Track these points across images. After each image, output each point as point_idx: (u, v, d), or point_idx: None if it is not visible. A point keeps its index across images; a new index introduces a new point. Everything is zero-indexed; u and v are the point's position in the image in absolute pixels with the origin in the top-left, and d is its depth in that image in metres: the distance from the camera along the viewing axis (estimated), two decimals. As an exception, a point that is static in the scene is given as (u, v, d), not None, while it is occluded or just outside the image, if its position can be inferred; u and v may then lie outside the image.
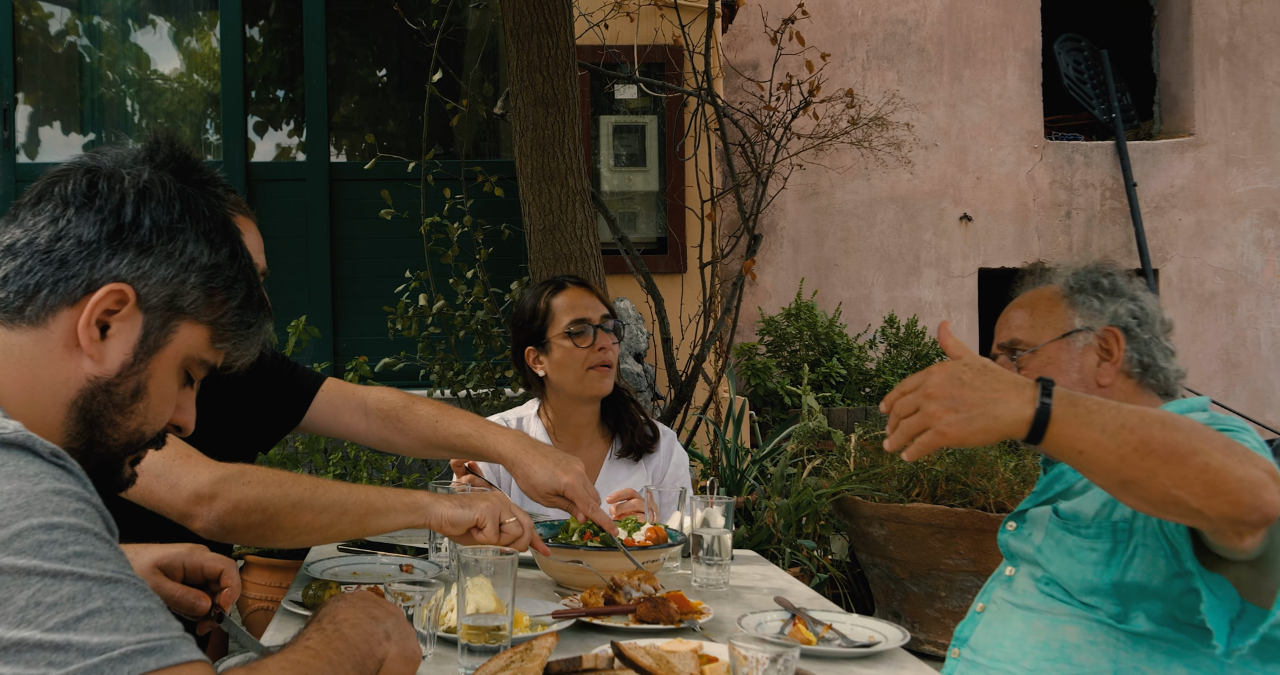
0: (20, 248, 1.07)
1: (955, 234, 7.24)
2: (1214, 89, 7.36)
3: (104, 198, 1.08)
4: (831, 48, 6.61)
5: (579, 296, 2.57)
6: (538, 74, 3.83)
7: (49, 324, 1.06)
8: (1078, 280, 1.87)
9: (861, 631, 1.78)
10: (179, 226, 1.10)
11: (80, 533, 0.88)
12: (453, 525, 1.81)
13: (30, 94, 6.12)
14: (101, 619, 0.85)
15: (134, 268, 1.07)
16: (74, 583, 0.85)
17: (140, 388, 1.10)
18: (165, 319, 1.10)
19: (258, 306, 1.18)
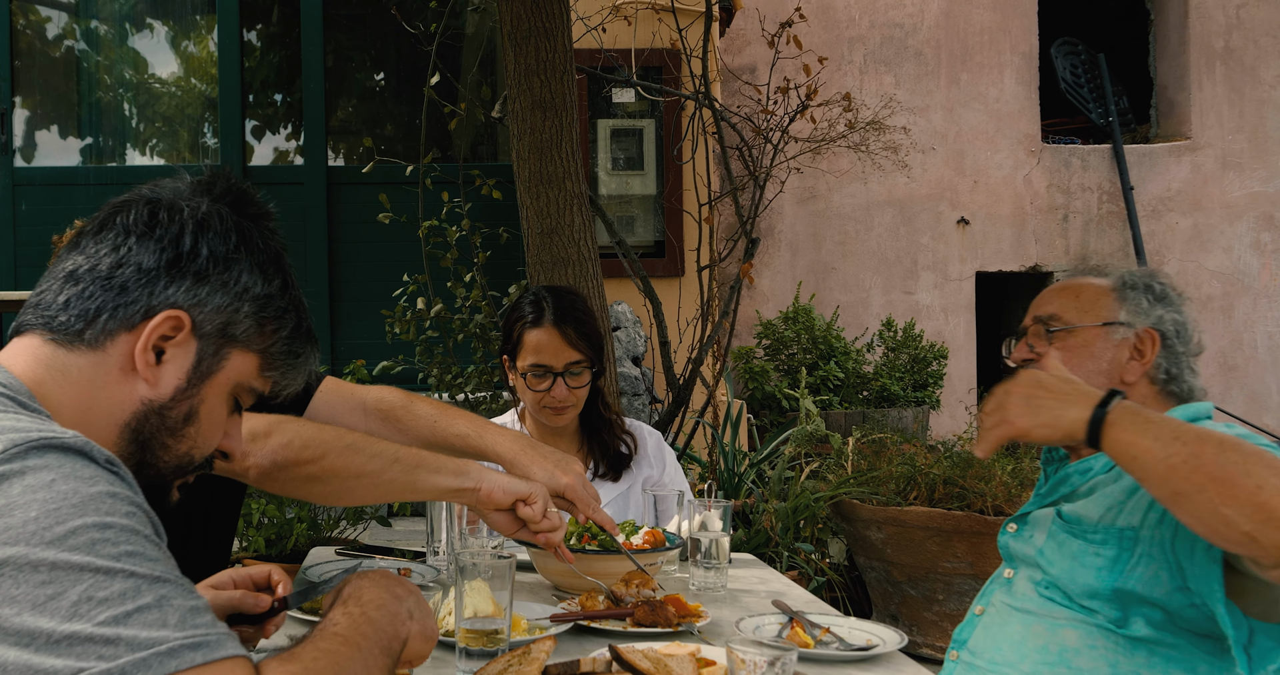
0: (82, 273, 1.12)
1: (952, 237, 7.25)
2: (1210, 93, 7.38)
3: (164, 227, 1.13)
4: (829, 51, 6.62)
5: (548, 340, 2.49)
6: (535, 78, 3.84)
7: (107, 347, 1.10)
8: (1130, 281, 1.88)
9: (859, 635, 1.78)
10: (234, 257, 1.15)
11: (132, 533, 0.92)
12: (504, 493, 1.73)
13: (28, 98, 6.12)
14: (150, 615, 0.88)
15: (191, 295, 1.12)
16: (125, 580, 0.88)
17: (192, 412, 1.14)
18: (218, 346, 1.14)
19: (306, 337, 1.23)
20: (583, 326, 2.53)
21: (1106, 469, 1.80)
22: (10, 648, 0.84)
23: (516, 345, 2.55)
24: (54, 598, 0.86)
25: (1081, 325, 1.84)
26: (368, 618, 1.12)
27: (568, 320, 2.51)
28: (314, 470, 1.72)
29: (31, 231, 5.70)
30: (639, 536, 2.13)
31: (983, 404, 1.65)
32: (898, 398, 6.24)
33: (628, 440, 2.65)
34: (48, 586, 0.86)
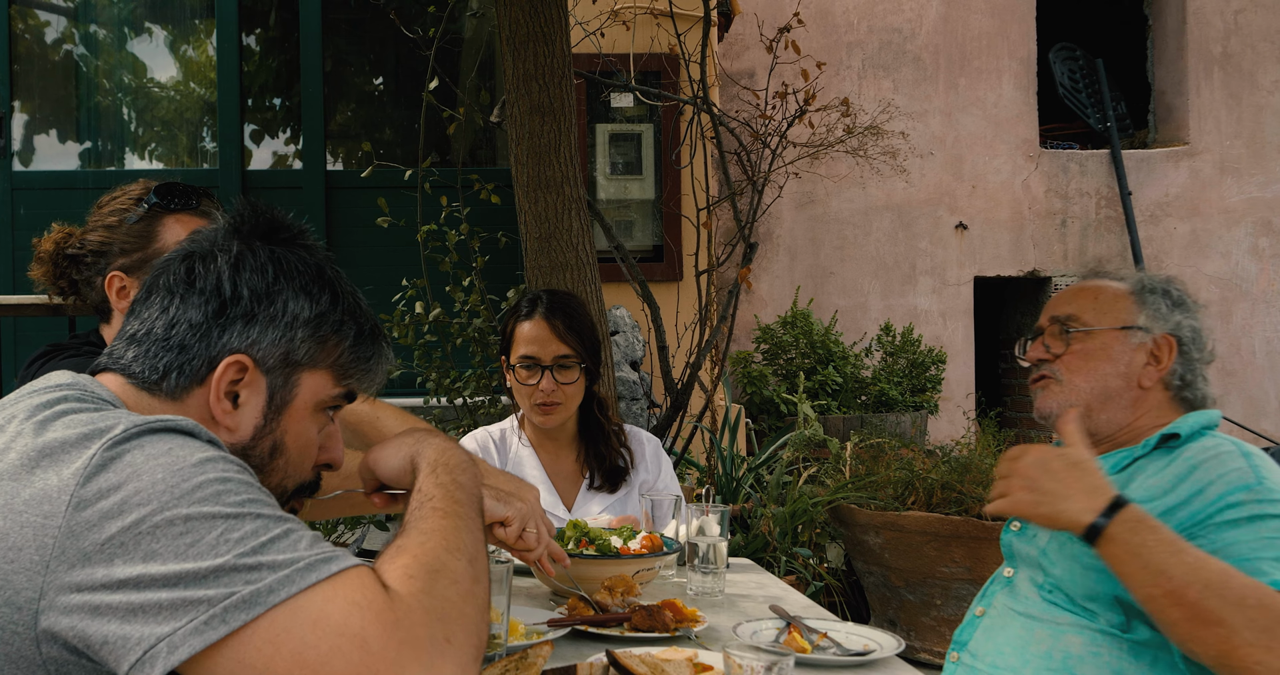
0: (141, 337, 1.17)
1: (951, 242, 7.25)
2: (1208, 98, 7.39)
3: (203, 280, 1.17)
4: (827, 57, 6.63)
5: (537, 331, 2.52)
6: (534, 82, 3.84)
7: (185, 401, 1.16)
8: (1150, 282, 1.89)
9: (857, 640, 1.78)
10: (276, 289, 1.18)
11: (248, 485, 1.00)
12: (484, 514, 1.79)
13: (26, 102, 6.12)
14: (283, 543, 0.96)
15: (245, 338, 1.16)
16: (254, 521, 0.97)
17: (276, 446, 1.19)
18: (286, 375, 1.18)
19: (371, 340, 1.25)
20: (572, 321, 2.55)
21: (1115, 470, 1.81)
22: (162, 590, 0.91)
23: (510, 340, 2.58)
24: (194, 544, 0.93)
25: (1100, 328, 1.85)
26: (459, 483, 1.18)
27: (557, 314, 2.54)
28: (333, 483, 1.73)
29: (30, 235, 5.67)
30: (636, 541, 2.12)
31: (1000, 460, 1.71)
32: (896, 403, 6.24)
33: (626, 454, 2.64)
34: (185, 536, 0.94)
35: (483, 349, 4.61)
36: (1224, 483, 1.66)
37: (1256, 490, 1.63)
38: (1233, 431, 6.71)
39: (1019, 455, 1.67)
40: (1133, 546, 1.54)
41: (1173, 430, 1.79)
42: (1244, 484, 1.64)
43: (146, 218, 1.89)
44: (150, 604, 0.91)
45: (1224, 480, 1.66)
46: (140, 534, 0.93)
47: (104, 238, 1.90)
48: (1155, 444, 1.79)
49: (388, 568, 1.01)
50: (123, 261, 1.87)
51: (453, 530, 1.09)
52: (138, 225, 1.88)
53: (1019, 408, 7.39)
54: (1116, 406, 1.84)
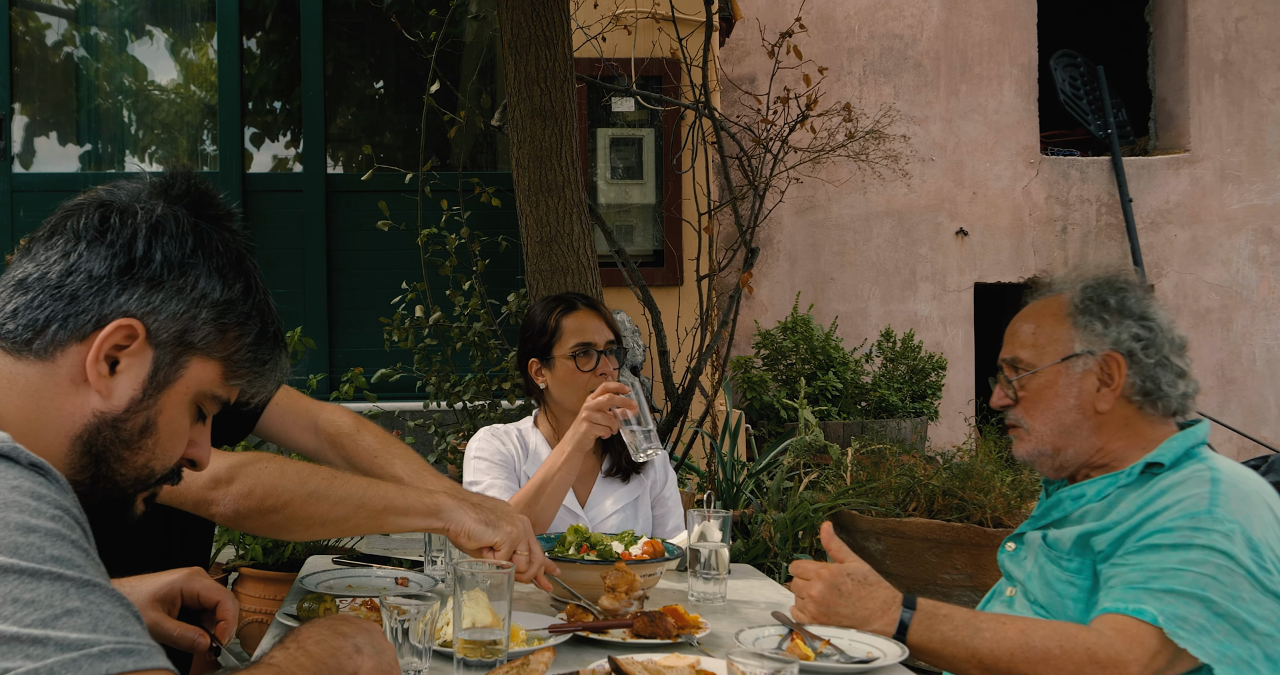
0: (31, 282, 1.07)
1: (951, 248, 7.25)
2: (1209, 105, 7.39)
3: (116, 232, 1.08)
4: (829, 62, 6.63)
5: (588, 320, 2.60)
6: (535, 86, 3.83)
7: (57, 358, 1.06)
8: (1085, 297, 1.81)
9: (860, 647, 1.77)
10: (191, 262, 1.10)
11: (58, 538, 0.88)
12: (469, 539, 1.78)
13: (27, 104, 6.11)
14: (80, 619, 0.85)
15: (144, 303, 1.07)
16: (52, 582, 0.85)
17: (149, 423, 1.10)
18: (176, 354, 1.10)
19: (273, 343, 1.18)
20: (610, 314, 2.68)
21: (1099, 497, 1.78)
22: None
23: (554, 334, 2.59)
24: None
25: (1042, 366, 1.80)
26: (305, 650, 1.10)
27: (599, 306, 2.67)
28: (277, 519, 1.73)
29: (29, 238, 5.68)
30: (638, 547, 2.11)
31: (794, 577, 1.81)
32: (896, 408, 6.23)
33: None
34: None
35: (482, 353, 4.60)
36: (1177, 509, 1.63)
37: (1199, 518, 1.60)
38: (1231, 439, 6.71)
39: (809, 579, 1.77)
40: (935, 641, 1.67)
41: (1156, 459, 1.73)
42: (1191, 512, 1.61)
43: None
44: None
45: (1178, 506, 1.63)
46: None
47: None
48: (1140, 471, 1.75)
49: None
50: None
51: None
52: None
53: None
54: (1079, 437, 1.79)
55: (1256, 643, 1.55)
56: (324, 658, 1.11)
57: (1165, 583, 1.57)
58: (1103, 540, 1.70)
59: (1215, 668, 1.53)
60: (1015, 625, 1.63)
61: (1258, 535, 1.59)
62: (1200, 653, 1.53)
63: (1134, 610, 1.56)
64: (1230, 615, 1.54)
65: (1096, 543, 1.71)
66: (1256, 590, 1.56)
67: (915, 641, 1.68)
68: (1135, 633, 1.55)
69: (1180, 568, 1.57)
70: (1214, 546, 1.57)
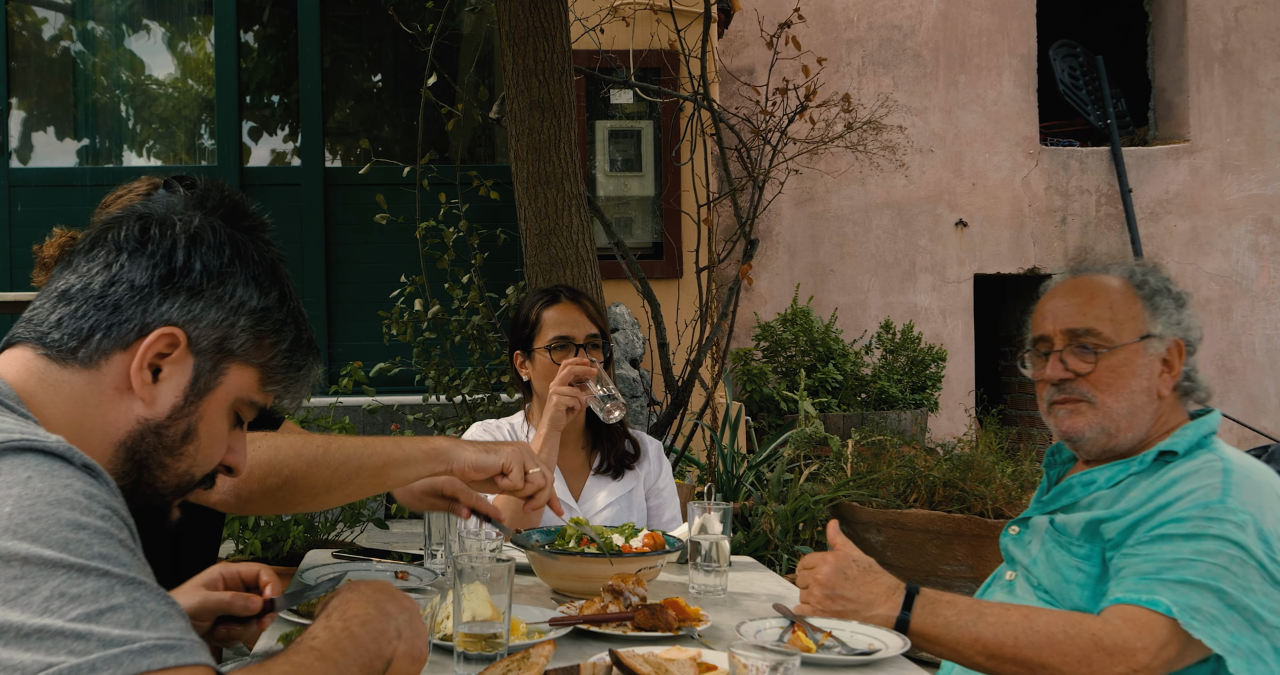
0: (75, 293, 1.10)
1: (951, 240, 7.24)
2: (1209, 95, 7.37)
3: (156, 243, 1.11)
4: (827, 53, 6.61)
5: (567, 313, 2.58)
6: (533, 78, 3.82)
7: (101, 366, 1.08)
8: (1153, 281, 1.80)
9: (861, 639, 1.76)
10: (229, 270, 1.13)
11: (106, 536, 0.91)
12: (477, 470, 1.76)
13: (24, 99, 6.10)
14: (123, 615, 0.87)
15: (185, 311, 1.10)
16: (98, 579, 0.87)
17: (190, 430, 1.13)
18: (215, 361, 1.13)
19: (307, 349, 1.21)
20: (595, 308, 2.65)
21: (1110, 484, 1.77)
22: None
23: (535, 327, 2.59)
24: (26, 592, 0.84)
25: (1123, 343, 1.76)
26: (350, 633, 1.10)
27: (582, 298, 2.64)
28: (282, 495, 1.71)
29: (27, 233, 5.68)
30: (639, 539, 2.11)
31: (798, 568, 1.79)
32: (896, 400, 6.23)
33: (633, 439, 2.68)
34: (19, 581, 0.85)
35: (481, 346, 4.59)
36: (1189, 499, 1.62)
37: (1212, 508, 1.59)
38: (1232, 429, 6.71)
39: (815, 566, 1.76)
40: (938, 626, 1.65)
41: (1170, 447, 1.73)
42: (1204, 502, 1.60)
43: None
44: None
45: (1190, 496, 1.62)
46: None
47: None
48: (1153, 459, 1.74)
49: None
50: None
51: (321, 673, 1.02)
52: None
53: (1020, 405, 7.38)
54: (1140, 421, 1.77)
55: (1266, 635, 1.54)
56: (367, 642, 1.11)
57: (1179, 573, 1.56)
58: (1113, 528, 1.69)
59: (1227, 659, 1.52)
60: (1019, 611, 1.62)
61: (1269, 527, 1.58)
62: (1214, 643, 1.52)
63: (1147, 601, 1.55)
64: (1242, 607, 1.54)
65: (1106, 530, 1.70)
66: (1267, 582, 1.56)
67: (918, 627, 1.67)
68: (1145, 622, 1.54)
69: (1194, 558, 1.56)
70: (1227, 537, 1.57)
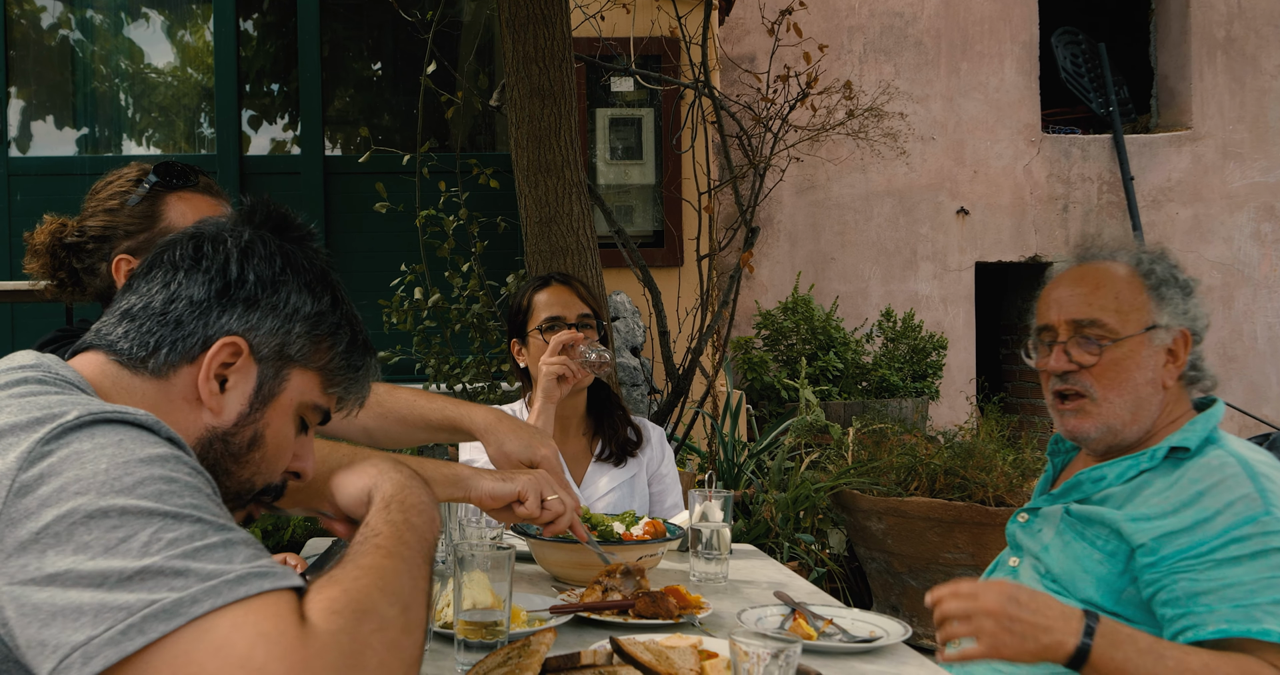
0: (137, 312, 1.15)
1: (952, 227, 7.22)
2: (1211, 82, 7.34)
3: (210, 259, 1.16)
4: (829, 40, 6.59)
5: (558, 294, 2.61)
6: (533, 65, 3.81)
7: (170, 379, 1.14)
8: (1160, 269, 1.78)
9: (863, 626, 1.77)
10: (281, 279, 1.17)
11: (196, 490, 0.96)
12: (493, 499, 1.77)
13: (23, 88, 6.08)
14: (218, 553, 0.91)
15: (244, 321, 1.15)
16: (192, 524, 0.92)
17: (257, 437, 1.17)
18: (278, 368, 1.17)
19: (364, 350, 1.25)
20: (587, 289, 2.68)
21: (1122, 480, 1.76)
22: (85, 590, 0.87)
23: (527, 312, 2.62)
24: (125, 539, 0.89)
25: (1128, 334, 1.74)
26: (410, 524, 1.12)
27: (573, 281, 2.68)
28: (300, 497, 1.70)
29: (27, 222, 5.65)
30: (639, 527, 2.11)
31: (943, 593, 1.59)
32: (897, 388, 6.22)
33: (635, 426, 2.69)
34: (118, 530, 0.89)
35: (482, 335, 4.58)
36: (1232, 513, 1.59)
37: (1264, 521, 1.57)
38: (1233, 417, 6.70)
39: (977, 594, 1.55)
40: (1117, 662, 1.51)
41: (1182, 443, 1.71)
42: (1251, 516, 1.58)
43: (149, 198, 1.86)
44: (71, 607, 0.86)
45: (1231, 510, 1.59)
46: (74, 524, 0.89)
47: (106, 222, 1.86)
48: (1164, 456, 1.73)
49: (314, 599, 0.94)
50: (128, 244, 1.84)
51: (392, 572, 1.02)
52: (140, 206, 1.86)
53: (1021, 393, 7.38)
54: (1146, 414, 1.75)
55: None
56: (425, 529, 1.13)
57: (1274, 594, 1.53)
58: (1141, 533, 1.65)
59: None
60: (1198, 658, 1.52)
61: None
62: None
63: (1259, 632, 1.51)
64: None
65: (1133, 534, 1.67)
66: None
67: (1097, 659, 1.51)
68: None
69: (1275, 576, 1.54)
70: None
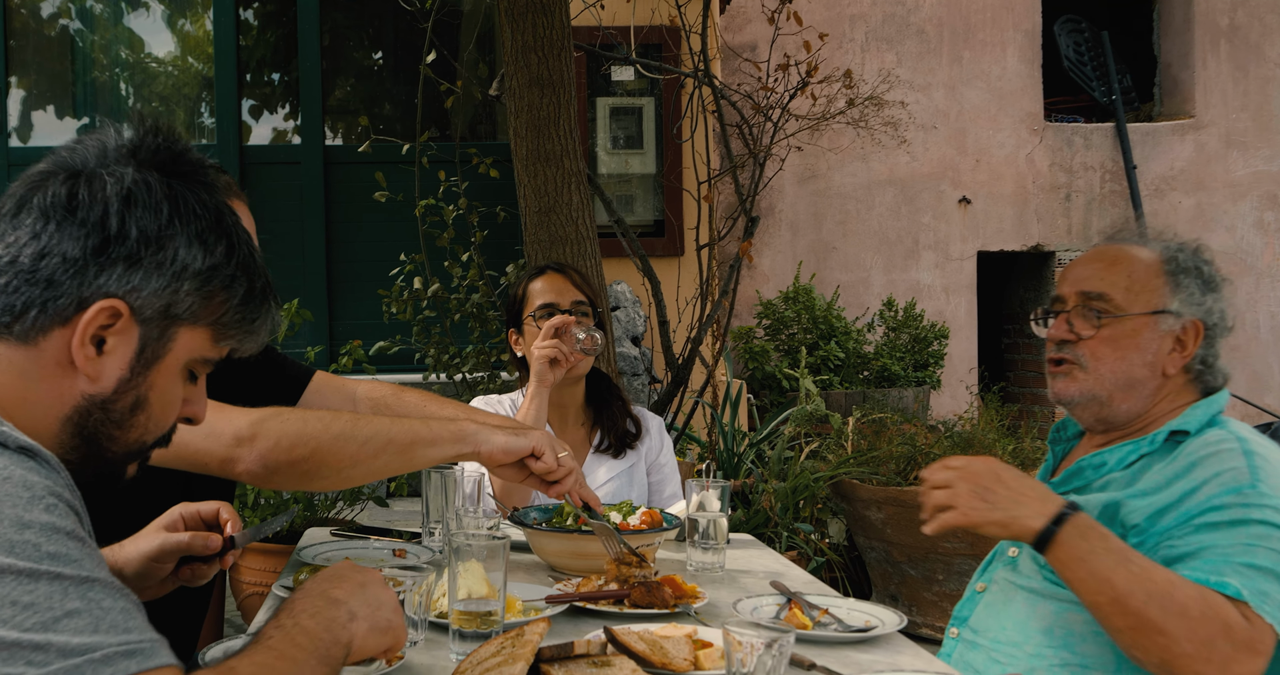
0: (4, 266, 1.03)
1: (954, 217, 7.21)
2: (1215, 71, 7.31)
3: (86, 208, 1.03)
4: (830, 29, 6.56)
5: (552, 282, 2.61)
6: (533, 54, 3.80)
7: (40, 343, 1.03)
8: (1183, 258, 1.78)
9: (858, 616, 1.77)
10: (168, 233, 1.05)
11: (53, 532, 0.86)
12: (506, 453, 1.73)
13: (23, 78, 6.07)
14: (81, 620, 0.83)
15: (124, 282, 1.03)
16: (50, 582, 0.83)
17: (140, 400, 1.07)
18: (163, 328, 1.07)
19: (261, 298, 1.14)
20: (583, 277, 2.68)
21: (1122, 465, 1.76)
22: None
23: (523, 300, 2.63)
24: None
25: (1131, 313, 1.74)
26: (300, 627, 1.08)
27: (568, 269, 2.69)
28: (307, 467, 1.69)
29: (27, 212, 5.66)
30: (636, 516, 2.11)
31: (929, 473, 1.64)
32: (898, 378, 6.22)
33: (635, 417, 2.68)
34: None
35: (481, 324, 4.58)
36: (1217, 483, 1.60)
37: (1247, 493, 1.58)
38: (1235, 407, 6.69)
39: (964, 464, 1.61)
40: (1080, 552, 1.54)
41: (1182, 426, 1.72)
42: (1236, 486, 1.59)
43: None
44: None
45: (1218, 481, 1.60)
46: None
47: None
48: (1164, 440, 1.73)
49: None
50: None
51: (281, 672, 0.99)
52: None
53: (1022, 383, 7.37)
54: (1138, 396, 1.76)
55: None
56: (319, 632, 1.08)
57: (1245, 558, 1.54)
58: (1135, 513, 1.66)
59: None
60: (1164, 574, 1.53)
61: None
62: None
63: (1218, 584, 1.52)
64: None
65: (1127, 514, 1.67)
66: None
67: (1061, 540, 1.54)
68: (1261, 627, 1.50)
69: (1250, 543, 1.54)
70: (1269, 521, 1.55)
